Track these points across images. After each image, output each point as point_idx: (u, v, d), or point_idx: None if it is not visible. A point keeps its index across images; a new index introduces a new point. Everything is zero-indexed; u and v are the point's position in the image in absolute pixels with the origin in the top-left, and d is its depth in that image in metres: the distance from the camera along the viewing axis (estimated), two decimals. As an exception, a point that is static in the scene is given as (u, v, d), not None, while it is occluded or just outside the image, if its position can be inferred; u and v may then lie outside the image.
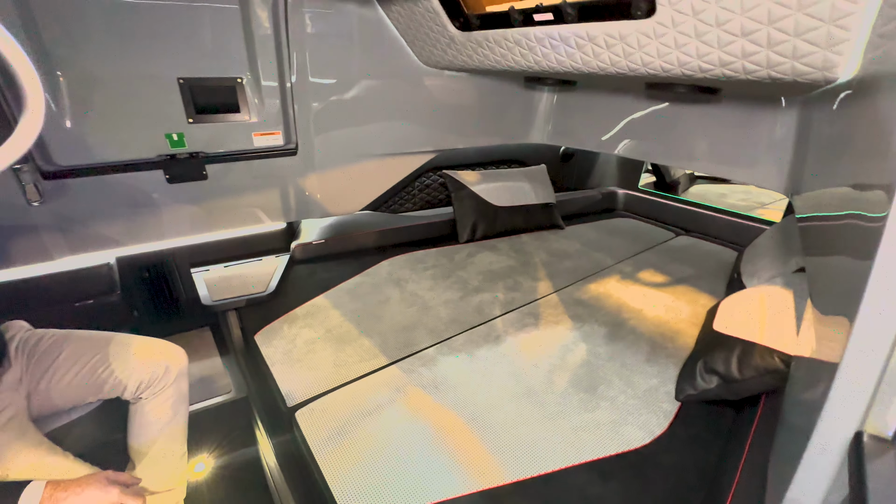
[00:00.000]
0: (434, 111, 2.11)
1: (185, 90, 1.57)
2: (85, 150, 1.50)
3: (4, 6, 1.24)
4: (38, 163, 1.44)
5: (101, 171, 1.54)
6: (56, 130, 1.43)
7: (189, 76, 1.56)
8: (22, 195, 1.43)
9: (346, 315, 1.65)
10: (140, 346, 1.19)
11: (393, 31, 1.79)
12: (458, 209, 2.39)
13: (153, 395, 1.18)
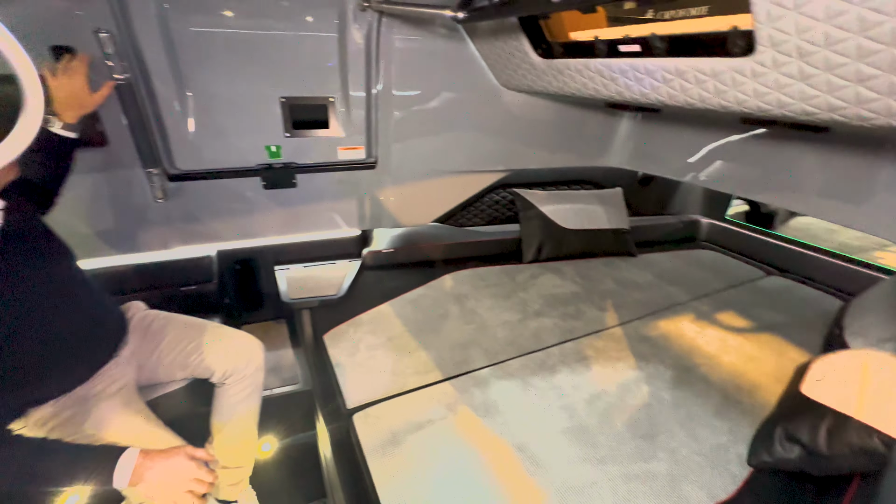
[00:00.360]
0: (509, 131, 2.13)
1: (286, 108, 1.75)
2: (201, 157, 1.73)
3: (153, 34, 1.47)
4: (165, 167, 1.70)
5: (212, 176, 1.77)
6: (181, 139, 1.67)
7: (290, 95, 1.74)
8: (150, 194, 1.70)
9: (407, 325, 1.72)
10: (229, 340, 1.36)
11: (475, 53, 1.84)
12: (525, 228, 2.38)
13: (235, 382, 1.34)
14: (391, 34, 1.71)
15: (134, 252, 1.81)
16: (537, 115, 2.12)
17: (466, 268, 2.20)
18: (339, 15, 1.62)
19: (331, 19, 1.63)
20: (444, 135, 2.04)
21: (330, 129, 1.85)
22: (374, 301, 1.87)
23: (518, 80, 1.78)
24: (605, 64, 1.29)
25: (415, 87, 1.86)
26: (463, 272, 2.16)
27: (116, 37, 1.40)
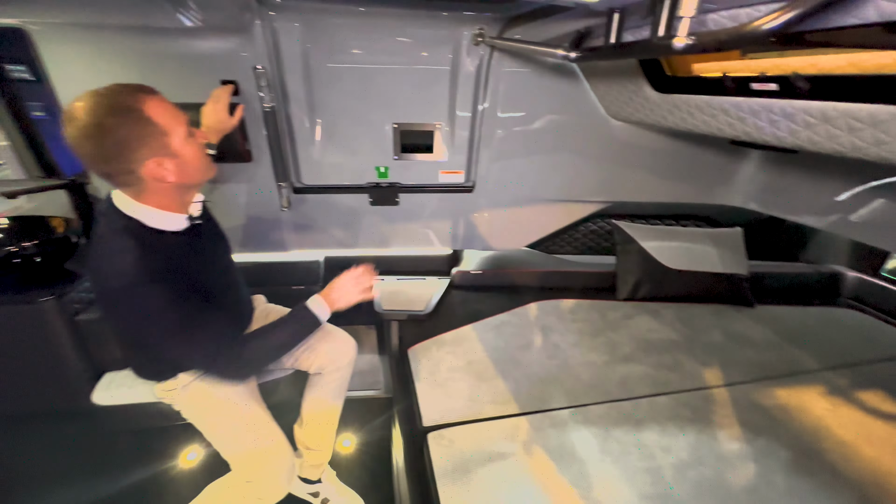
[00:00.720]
0: (614, 161, 2.04)
1: (397, 133, 1.90)
2: (322, 174, 1.95)
3: (296, 69, 1.71)
4: (293, 181, 1.95)
5: (329, 191, 1.99)
6: (308, 158, 1.91)
7: (402, 122, 1.88)
8: (278, 203, 1.96)
9: (488, 351, 1.73)
10: (332, 337, 1.52)
11: (583, 82, 1.81)
12: (622, 263, 2.25)
13: (329, 374, 1.49)
14: (501, 65, 1.76)
15: (259, 251, 2.10)
16: (646, 147, 2.00)
17: (554, 298, 2.14)
18: (454, 50, 1.72)
19: (445, 54, 1.73)
20: (545, 160, 2.03)
21: (434, 153, 1.96)
22: (459, 322, 1.91)
23: (628, 112, 1.70)
24: (734, 103, 1.17)
25: (520, 109, 1.89)
26: (550, 302, 2.11)
27: (268, 72, 1.66)
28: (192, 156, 1.01)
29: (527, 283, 2.27)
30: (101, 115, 0.87)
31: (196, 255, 1.10)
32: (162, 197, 1.01)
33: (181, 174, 0.99)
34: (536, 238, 2.31)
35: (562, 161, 2.03)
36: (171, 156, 0.96)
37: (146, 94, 0.94)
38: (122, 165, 0.92)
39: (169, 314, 0.97)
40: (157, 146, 0.94)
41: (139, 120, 0.90)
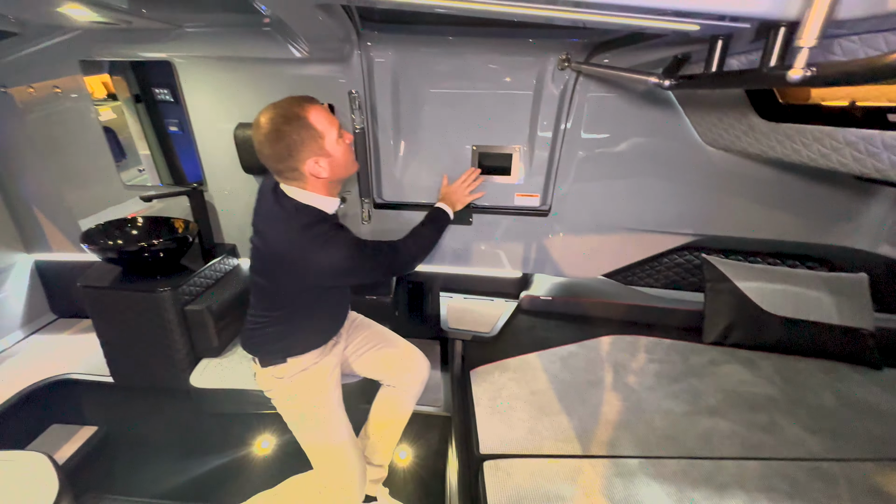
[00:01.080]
0: (708, 191, 1.87)
1: (475, 155, 1.92)
2: (402, 191, 2.04)
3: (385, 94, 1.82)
4: (374, 197, 2.07)
5: (406, 208, 2.07)
6: (390, 175, 2.01)
7: (480, 144, 1.91)
8: (360, 216, 2.08)
9: (554, 383, 1.66)
10: (406, 353, 1.56)
11: (676, 106, 1.69)
12: (712, 302, 2.03)
13: (401, 390, 1.53)
14: (587, 89, 1.72)
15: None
16: (747, 177, 1.80)
17: (629, 333, 2.00)
18: (538, 75, 1.72)
19: (529, 79, 1.73)
20: (630, 186, 1.92)
21: (511, 176, 1.95)
22: (524, 348, 1.86)
23: (728, 140, 1.56)
24: (865, 136, 1.02)
25: (604, 131, 1.82)
26: (625, 338, 1.97)
27: (360, 96, 1.79)
28: (341, 155, 1.18)
29: (600, 315, 2.15)
30: (278, 123, 1.08)
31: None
32: (320, 187, 1.20)
33: (332, 170, 1.17)
34: (614, 268, 2.19)
35: (648, 188, 1.91)
36: (325, 155, 1.14)
37: (309, 104, 1.12)
38: (290, 163, 1.12)
39: (371, 252, 1.25)
40: (316, 147, 1.12)
41: (304, 126, 1.09)
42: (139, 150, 2.13)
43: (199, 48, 1.75)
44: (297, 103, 1.11)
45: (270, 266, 1.24)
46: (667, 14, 0.86)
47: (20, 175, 2.14)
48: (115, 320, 1.80)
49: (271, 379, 1.35)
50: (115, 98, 2.02)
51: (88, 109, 1.96)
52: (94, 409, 2.03)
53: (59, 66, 1.85)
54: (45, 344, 2.22)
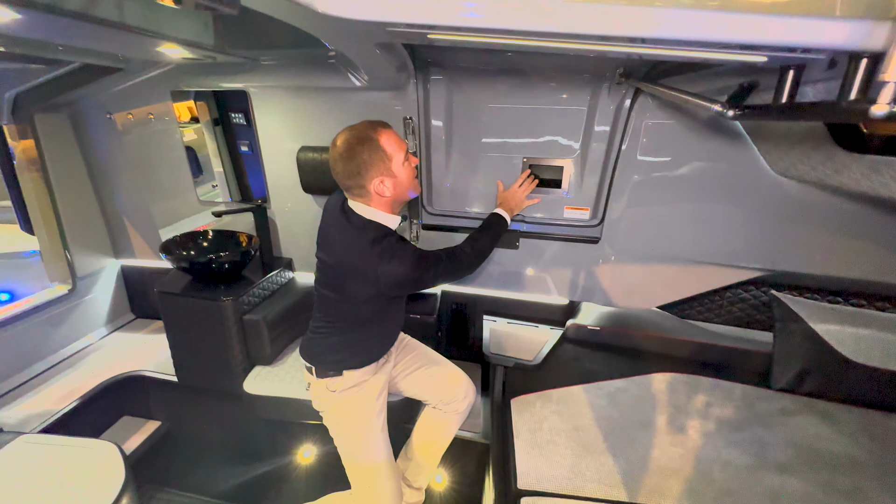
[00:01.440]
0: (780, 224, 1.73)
1: (525, 167, 1.91)
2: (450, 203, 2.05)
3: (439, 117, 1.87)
4: (422, 218, 2.11)
5: (452, 230, 2.09)
6: (439, 197, 2.05)
7: (531, 157, 1.89)
8: (408, 236, 2.13)
9: (599, 420, 1.58)
10: (453, 375, 1.57)
11: (743, 134, 1.60)
12: (782, 345, 1.85)
13: (446, 413, 1.53)
14: (644, 109, 1.67)
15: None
16: (826, 210, 1.64)
17: (686, 372, 1.87)
18: (593, 91, 1.69)
19: (584, 95, 1.71)
20: (689, 213, 1.82)
21: (560, 188, 1.91)
22: (569, 379, 1.79)
23: (803, 171, 1.44)
24: (967, 171, 0.91)
25: (662, 154, 1.75)
26: (680, 377, 1.84)
27: (415, 121, 1.85)
28: (405, 177, 1.27)
29: (653, 349, 2.02)
30: (352, 143, 1.19)
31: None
32: (384, 205, 1.30)
33: (395, 190, 1.27)
34: (670, 300, 2.07)
35: (710, 216, 1.80)
36: (390, 176, 1.24)
37: (382, 128, 1.22)
38: (358, 181, 1.23)
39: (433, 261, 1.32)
40: (383, 168, 1.22)
41: (374, 147, 1.19)
42: (214, 167, 2.34)
43: (271, 79, 1.91)
44: (371, 127, 1.22)
45: (339, 278, 1.32)
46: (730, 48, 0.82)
47: (116, 189, 2.42)
48: (183, 324, 1.96)
49: (325, 391, 1.41)
50: (197, 121, 2.25)
51: (175, 132, 2.19)
52: (160, 405, 2.20)
53: (153, 95, 2.10)
54: (123, 341, 2.45)
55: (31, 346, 2.14)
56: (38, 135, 2.12)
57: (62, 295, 2.26)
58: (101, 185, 2.42)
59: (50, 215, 2.23)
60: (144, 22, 1.22)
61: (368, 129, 1.22)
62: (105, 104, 2.17)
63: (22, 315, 2.07)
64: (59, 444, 1.52)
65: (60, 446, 1.51)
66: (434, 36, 0.84)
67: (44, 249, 2.30)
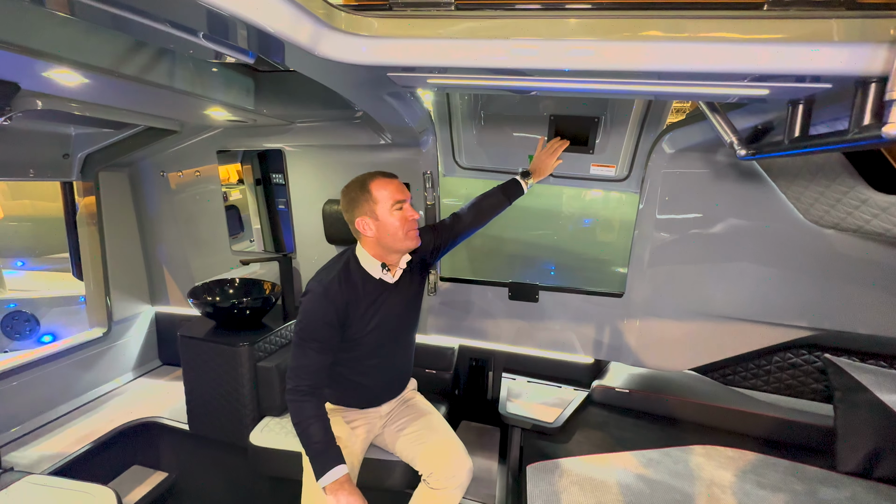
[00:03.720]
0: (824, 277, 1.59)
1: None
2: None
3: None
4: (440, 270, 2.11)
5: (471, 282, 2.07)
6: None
7: None
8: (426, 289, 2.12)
9: (627, 496, 1.39)
10: (446, 445, 1.43)
11: (767, 180, 1.54)
12: (846, 419, 1.60)
13: (435, 488, 1.37)
14: (660, 166, 1.66)
15: (404, 331, 2.26)
16: (874, 261, 1.50)
17: (731, 446, 1.64)
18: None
19: None
20: (719, 269, 1.72)
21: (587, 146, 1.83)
22: (593, 447, 1.62)
23: (836, 217, 1.34)
24: None
25: (684, 211, 1.70)
26: (724, 451, 1.62)
27: (433, 175, 1.93)
28: (390, 223, 1.29)
29: (689, 418, 1.81)
30: (351, 183, 1.34)
31: (379, 304, 1.36)
32: (369, 246, 1.35)
33: (378, 234, 1.31)
34: (707, 361, 1.88)
35: (743, 271, 1.69)
36: (374, 218, 1.30)
37: (380, 177, 1.32)
38: (348, 216, 1.35)
39: (308, 327, 1.27)
40: (367, 209, 1.29)
41: (364, 190, 1.30)
42: (253, 224, 2.50)
43: (305, 138, 2.08)
44: (371, 174, 1.34)
45: None
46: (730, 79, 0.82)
47: (160, 241, 2.61)
48: (201, 369, 1.98)
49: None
50: (242, 182, 2.45)
51: (218, 191, 2.38)
52: (170, 454, 2.16)
53: (202, 156, 2.32)
54: (146, 387, 2.49)
55: (61, 386, 2.21)
56: (99, 191, 2.37)
57: (96, 338, 2.36)
58: (148, 236, 2.62)
59: (98, 263, 2.41)
60: (192, 86, 1.39)
61: (367, 175, 1.34)
62: (160, 164, 2.42)
63: (54, 356, 2.16)
64: (60, 486, 1.50)
65: (61, 489, 1.49)
66: (433, 81, 0.90)
67: (88, 295, 2.45)
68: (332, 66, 0.86)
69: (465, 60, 0.78)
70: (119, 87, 1.28)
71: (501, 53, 0.77)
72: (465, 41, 0.76)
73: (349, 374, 1.43)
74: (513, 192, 1.60)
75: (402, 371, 1.56)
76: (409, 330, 1.53)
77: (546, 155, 1.65)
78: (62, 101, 1.45)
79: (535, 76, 0.87)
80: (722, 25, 0.72)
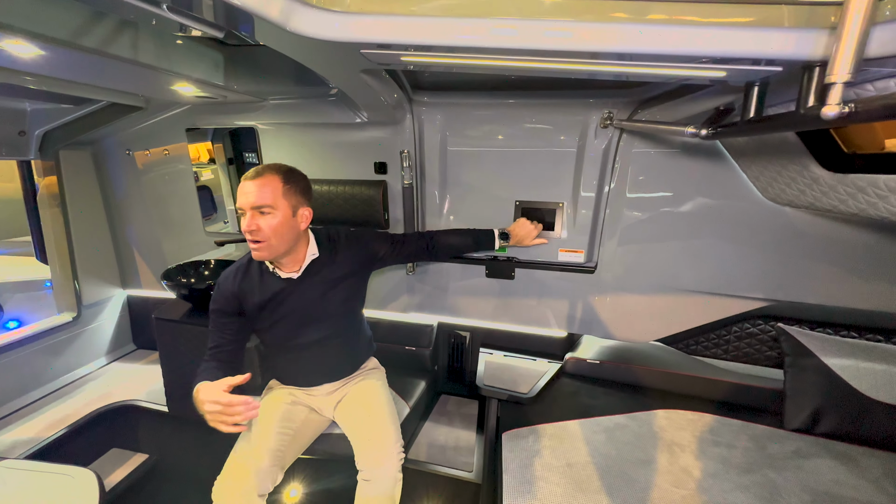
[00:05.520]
0: (778, 251, 1.70)
1: (518, 210, 1.94)
2: (445, 244, 2.09)
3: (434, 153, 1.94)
4: (419, 249, 2.13)
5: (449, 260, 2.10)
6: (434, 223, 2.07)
7: (524, 199, 1.94)
8: (405, 268, 2.15)
9: (595, 457, 1.48)
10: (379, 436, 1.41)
11: (731, 162, 1.61)
12: (794, 382, 1.74)
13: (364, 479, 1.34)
14: (630, 146, 1.71)
15: (382, 310, 2.29)
16: (833, 239, 1.61)
17: (690, 409, 1.77)
18: (581, 133, 1.75)
19: (572, 136, 1.77)
20: (685, 245, 1.80)
21: (554, 231, 1.93)
22: (564, 414, 1.71)
23: (791, 195, 1.43)
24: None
25: (652, 190, 1.77)
26: (684, 414, 1.74)
27: (410, 155, 1.93)
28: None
29: (655, 385, 1.93)
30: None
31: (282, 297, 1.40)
32: None
33: None
34: (672, 332, 1.99)
35: (706, 247, 1.78)
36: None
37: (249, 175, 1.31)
38: None
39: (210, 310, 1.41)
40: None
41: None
42: (227, 205, 2.45)
43: (278, 116, 2.03)
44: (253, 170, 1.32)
45: None
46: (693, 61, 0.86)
47: (129, 222, 2.53)
48: (178, 351, 1.96)
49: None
50: (214, 162, 2.38)
51: (189, 171, 2.31)
52: (149, 436, 2.16)
53: (170, 134, 2.24)
54: (121, 371, 2.45)
55: (30, 372, 2.16)
56: (61, 171, 2.27)
57: (66, 322, 2.31)
58: (116, 218, 2.53)
59: (63, 246, 2.32)
60: (157, 60, 1.33)
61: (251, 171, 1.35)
62: (125, 142, 2.33)
63: (23, 341, 2.10)
64: (38, 469, 1.49)
65: (39, 472, 1.48)
66: (407, 58, 0.90)
67: (55, 279, 2.37)
68: (304, 42, 0.85)
69: (441, 39, 0.78)
70: (78, 59, 1.22)
71: (478, 32, 0.78)
72: (441, 19, 0.77)
73: (277, 355, 1.54)
74: (483, 242, 1.75)
75: (341, 357, 1.58)
76: (334, 322, 1.50)
77: (530, 225, 1.79)
78: (15, 74, 1.38)
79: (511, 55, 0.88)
80: (684, 9, 0.75)
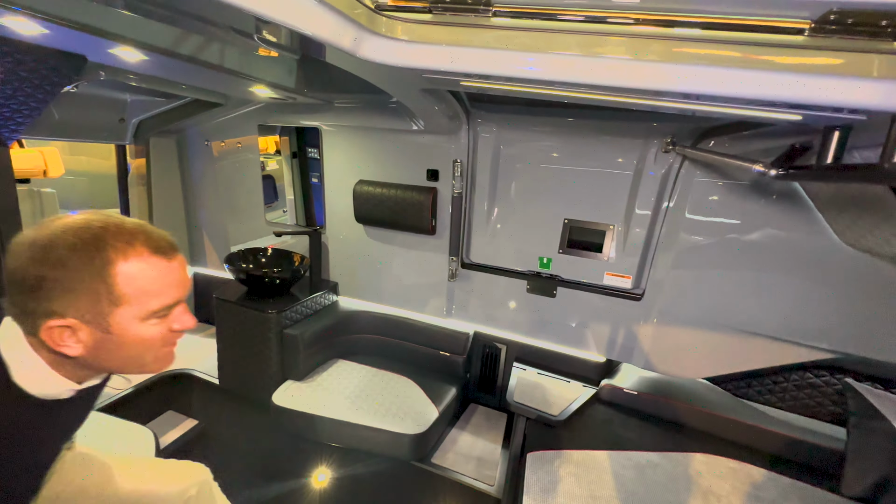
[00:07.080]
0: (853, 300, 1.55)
1: (566, 228, 1.92)
2: (489, 254, 2.10)
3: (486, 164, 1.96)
4: (462, 257, 2.16)
5: (491, 271, 2.11)
6: (479, 238, 2.09)
7: (573, 218, 1.90)
8: (447, 274, 2.18)
9: (621, 493, 1.44)
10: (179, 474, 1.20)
11: (806, 202, 1.49)
12: (857, 444, 1.58)
13: None
14: (692, 174, 1.63)
15: (421, 312, 2.35)
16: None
17: (733, 458, 1.66)
18: (640, 156, 1.69)
19: (630, 159, 1.72)
20: (745, 280, 1.69)
21: (602, 253, 1.89)
22: (594, 443, 1.67)
23: (873, 243, 1.30)
24: None
25: (715, 215, 1.67)
26: (726, 461, 1.63)
27: (463, 164, 1.96)
28: (136, 342, 0.74)
29: (696, 425, 1.82)
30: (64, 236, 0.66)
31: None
32: (53, 359, 0.73)
33: (96, 352, 0.73)
34: (721, 372, 1.88)
35: (771, 284, 1.66)
36: (97, 328, 0.70)
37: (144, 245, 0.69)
38: (21, 302, 0.68)
39: None
40: (84, 306, 0.68)
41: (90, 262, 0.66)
42: (287, 195, 2.61)
43: (341, 119, 2.13)
44: (123, 231, 0.68)
45: None
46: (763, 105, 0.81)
47: (202, 206, 2.77)
48: (232, 330, 2.13)
49: None
50: (279, 153, 2.55)
51: (257, 160, 2.49)
52: (200, 404, 2.36)
53: (243, 128, 2.43)
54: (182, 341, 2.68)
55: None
56: (150, 155, 2.53)
57: (141, 292, 2.56)
58: (190, 200, 2.78)
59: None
60: (240, 66, 1.46)
61: (116, 229, 0.68)
62: (205, 133, 2.55)
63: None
64: (106, 422, 1.68)
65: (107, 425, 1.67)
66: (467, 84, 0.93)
67: (136, 251, 2.65)
68: (371, 64, 0.90)
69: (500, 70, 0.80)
70: (174, 64, 1.37)
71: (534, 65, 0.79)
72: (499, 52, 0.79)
73: None
74: None
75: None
76: None
77: None
78: (123, 73, 1.56)
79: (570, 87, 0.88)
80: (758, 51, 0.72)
